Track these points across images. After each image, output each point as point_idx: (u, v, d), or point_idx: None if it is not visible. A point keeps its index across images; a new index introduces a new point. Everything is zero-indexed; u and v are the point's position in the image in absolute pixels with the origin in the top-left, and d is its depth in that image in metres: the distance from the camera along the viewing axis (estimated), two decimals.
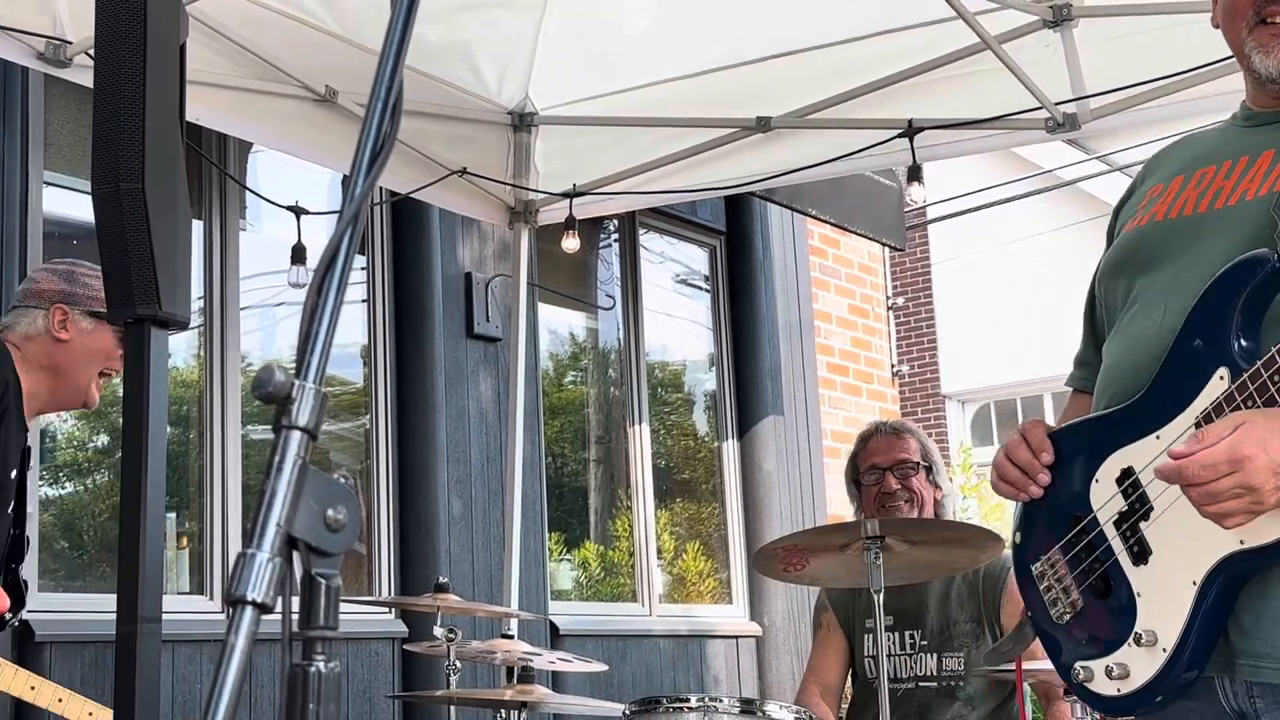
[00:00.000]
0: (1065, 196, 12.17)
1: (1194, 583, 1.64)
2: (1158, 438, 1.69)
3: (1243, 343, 1.62)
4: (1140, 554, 1.72)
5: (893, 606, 3.54)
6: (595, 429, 6.87)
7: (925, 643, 3.51)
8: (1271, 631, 1.61)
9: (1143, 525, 1.71)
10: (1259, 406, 1.58)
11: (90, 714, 3.17)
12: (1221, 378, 1.63)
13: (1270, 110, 1.84)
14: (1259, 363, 1.59)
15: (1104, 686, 1.75)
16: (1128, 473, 1.74)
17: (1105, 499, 1.76)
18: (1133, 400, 1.76)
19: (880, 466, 3.61)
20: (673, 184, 4.64)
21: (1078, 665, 1.79)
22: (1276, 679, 1.61)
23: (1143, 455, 1.72)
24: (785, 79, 4.30)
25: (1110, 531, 1.76)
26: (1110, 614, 1.75)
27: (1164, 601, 1.69)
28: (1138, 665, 1.71)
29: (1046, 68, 3.90)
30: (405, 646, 4.81)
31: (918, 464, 3.60)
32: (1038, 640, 3.36)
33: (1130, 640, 1.71)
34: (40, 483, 4.43)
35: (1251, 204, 1.72)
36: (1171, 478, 1.60)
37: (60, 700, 3.10)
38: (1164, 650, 1.67)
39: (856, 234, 7.82)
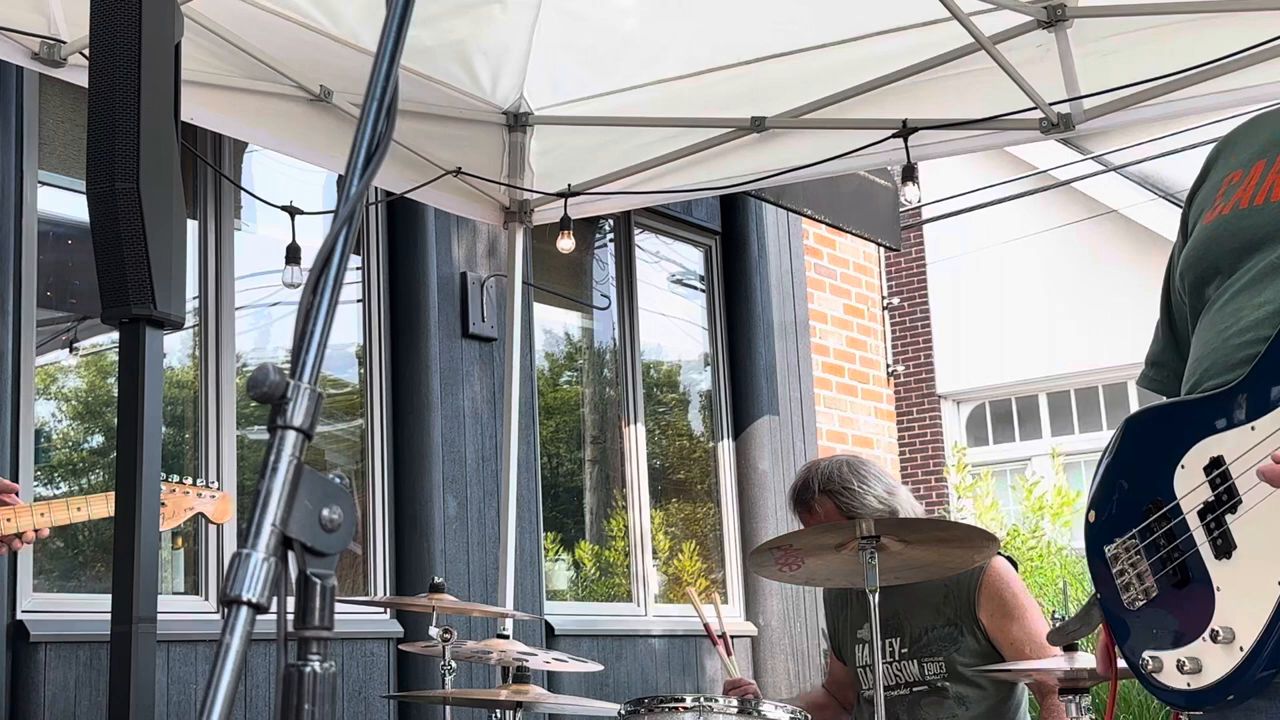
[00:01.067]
0: (1060, 196, 12.18)
1: (1279, 582, 1.58)
2: (1253, 429, 1.63)
3: None
4: (1224, 547, 1.65)
5: (870, 615, 3.55)
6: (590, 429, 6.87)
7: (905, 650, 3.49)
8: None
9: (1229, 518, 1.65)
10: None
11: (78, 509, 3.11)
12: None
13: None
14: None
15: (1173, 679, 1.69)
16: (1217, 462, 1.66)
17: (1190, 487, 1.70)
18: (1227, 387, 1.69)
19: None
20: (668, 184, 4.64)
21: (1146, 654, 1.73)
22: None
23: (1235, 445, 1.65)
24: (780, 79, 4.30)
25: (1193, 521, 1.69)
26: (1186, 606, 1.69)
27: (1245, 599, 1.62)
28: (1212, 661, 1.65)
29: (1041, 68, 3.91)
30: (400, 646, 4.81)
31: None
32: (1025, 639, 3.37)
33: (1206, 635, 1.65)
34: (35, 483, 4.43)
35: None
36: (1277, 481, 1.55)
37: (42, 515, 3.05)
38: (1241, 649, 1.61)
39: (852, 234, 7.82)
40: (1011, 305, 12.77)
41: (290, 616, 1.08)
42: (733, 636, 6.78)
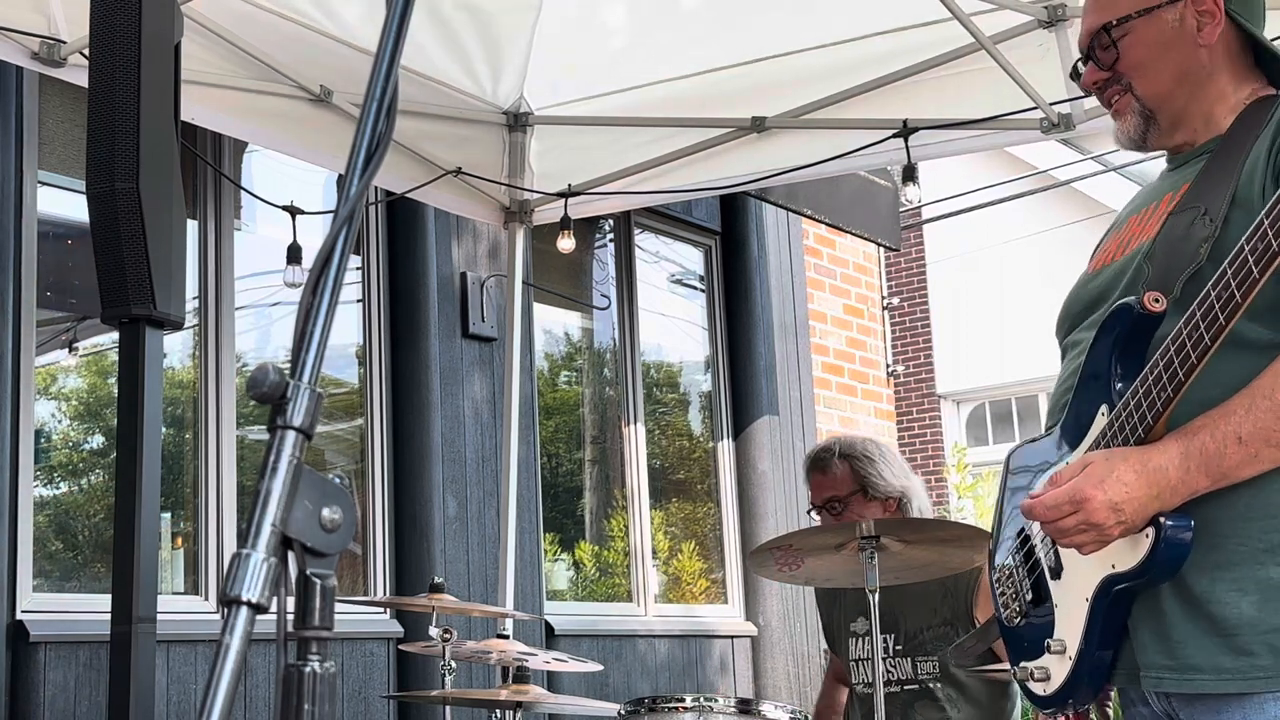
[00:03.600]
0: (1060, 196, 12.18)
1: (1086, 599, 1.78)
2: (1066, 464, 1.84)
3: (1117, 384, 1.78)
4: (1056, 569, 1.87)
5: (867, 610, 3.52)
6: (590, 429, 6.87)
7: (899, 648, 3.47)
8: (1165, 645, 1.73)
9: (1059, 543, 1.85)
10: (1123, 440, 1.73)
11: None
12: (1103, 414, 1.79)
13: (1183, 151, 1.95)
14: (1119, 401, 1.75)
15: (1035, 686, 1.90)
16: None
17: None
18: (1054, 430, 1.93)
19: (814, 505, 3.58)
20: (668, 183, 4.64)
21: (1020, 665, 1.93)
22: (1174, 688, 1.73)
23: None
24: (780, 79, 4.30)
25: (1041, 546, 1.90)
26: (1039, 621, 1.90)
27: (1070, 613, 1.83)
28: (1054, 670, 1.85)
29: (1041, 68, 3.91)
30: (400, 646, 4.81)
31: (846, 497, 3.49)
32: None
33: (1047, 647, 1.86)
34: (35, 483, 4.42)
35: (1133, 252, 1.88)
36: (1028, 515, 1.77)
37: None
38: (1069, 658, 1.82)
39: (852, 234, 7.82)
40: (1011, 305, 12.76)
41: (290, 616, 1.08)
42: (733, 637, 6.79)
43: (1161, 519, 1.67)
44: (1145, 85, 1.92)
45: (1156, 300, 1.72)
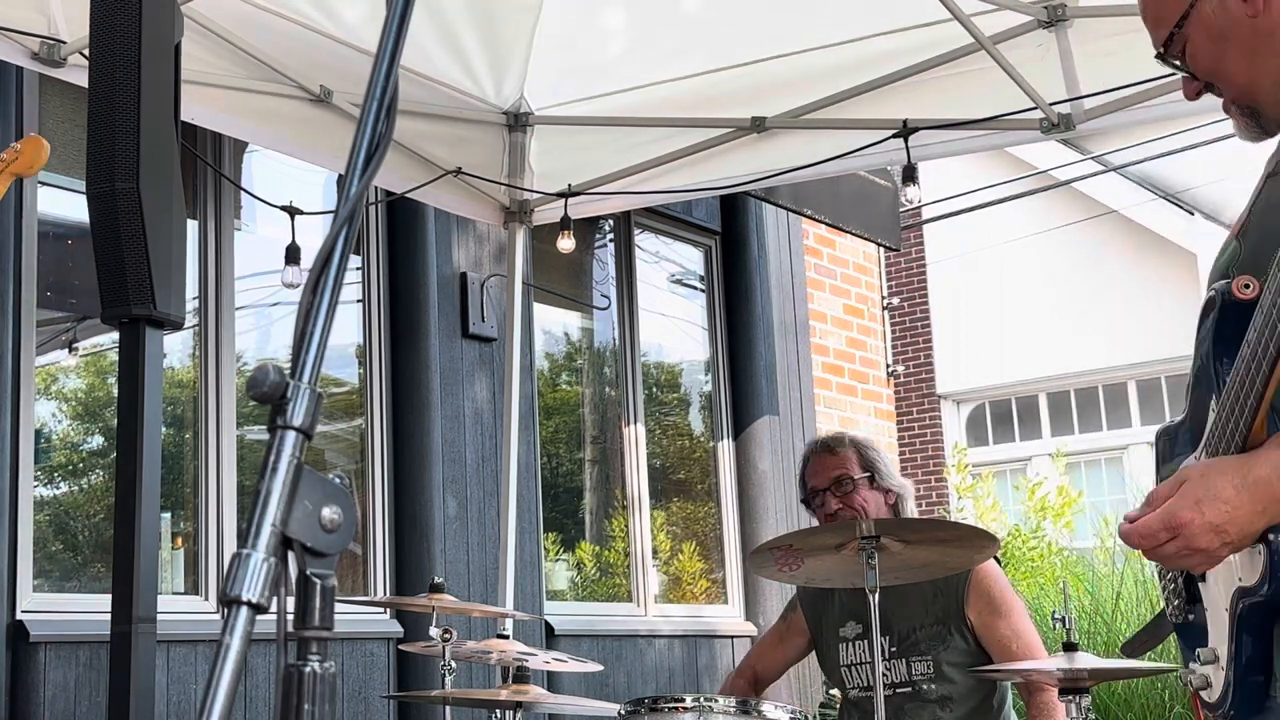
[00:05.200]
0: (1060, 196, 12.19)
1: (1226, 609, 1.62)
2: (1197, 458, 1.67)
3: (1224, 377, 1.60)
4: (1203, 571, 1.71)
5: (858, 613, 3.52)
6: (590, 429, 6.87)
7: (894, 649, 3.47)
8: None
9: (1165, 566, 1.71)
10: (1226, 443, 1.57)
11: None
12: (1213, 410, 1.62)
13: None
14: (1221, 398, 1.58)
15: (1202, 694, 1.73)
16: None
17: None
18: (1184, 417, 1.76)
19: (819, 488, 3.58)
20: (668, 184, 4.64)
21: (1189, 666, 1.76)
22: None
23: None
24: (780, 79, 4.30)
25: None
26: (1198, 624, 1.74)
27: (1217, 622, 1.67)
28: (1213, 679, 1.69)
29: (1041, 68, 3.91)
30: (400, 646, 4.81)
31: (855, 479, 3.53)
32: (1013, 636, 3.37)
33: (1199, 656, 1.70)
34: (35, 483, 4.42)
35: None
36: (1125, 542, 1.61)
37: None
38: (1223, 669, 1.65)
39: (852, 234, 7.83)
40: (1011, 305, 12.78)
41: (290, 616, 1.08)
42: (733, 637, 6.79)
43: (1270, 536, 1.50)
44: (1228, 86, 1.72)
45: (1246, 286, 1.54)
